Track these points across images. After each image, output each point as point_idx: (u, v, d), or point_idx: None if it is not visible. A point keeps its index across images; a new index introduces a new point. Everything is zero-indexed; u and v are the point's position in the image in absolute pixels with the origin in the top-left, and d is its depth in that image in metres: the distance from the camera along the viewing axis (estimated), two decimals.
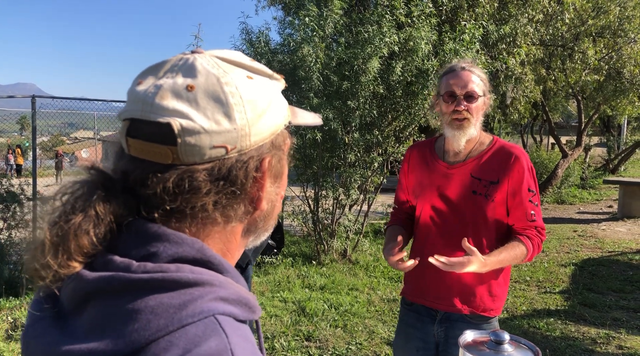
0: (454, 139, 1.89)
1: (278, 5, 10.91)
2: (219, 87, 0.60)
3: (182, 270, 0.57)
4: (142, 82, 0.61)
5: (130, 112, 0.60)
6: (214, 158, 0.59)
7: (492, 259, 1.78)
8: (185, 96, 0.59)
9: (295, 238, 7.67)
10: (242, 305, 0.60)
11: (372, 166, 6.33)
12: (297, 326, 4.35)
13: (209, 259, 0.60)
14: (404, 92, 6.01)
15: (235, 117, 0.60)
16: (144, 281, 0.55)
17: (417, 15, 5.93)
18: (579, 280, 5.83)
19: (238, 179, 0.61)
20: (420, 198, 2.02)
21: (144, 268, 0.56)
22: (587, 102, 13.79)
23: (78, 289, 0.57)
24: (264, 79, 0.66)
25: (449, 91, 1.87)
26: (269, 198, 0.68)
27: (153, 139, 0.58)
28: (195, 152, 0.58)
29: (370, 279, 5.79)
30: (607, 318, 4.68)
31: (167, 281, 0.55)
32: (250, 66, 0.65)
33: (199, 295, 0.56)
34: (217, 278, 0.59)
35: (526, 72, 8.44)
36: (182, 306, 0.54)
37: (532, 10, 7.41)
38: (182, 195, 0.59)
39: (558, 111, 20.59)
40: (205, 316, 0.55)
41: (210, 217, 0.62)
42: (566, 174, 12.85)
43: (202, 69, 0.61)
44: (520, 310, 4.90)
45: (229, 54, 0.65)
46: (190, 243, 0.59)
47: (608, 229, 8.88)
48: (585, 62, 9.40)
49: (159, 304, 0.54)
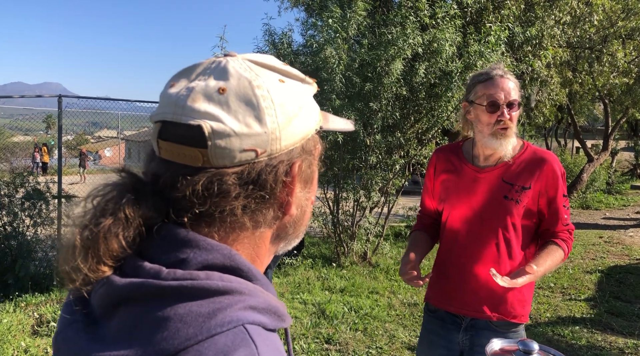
0: (501, 148, 1.84)
1: (301, 7, 10.93)
2: (250, 91, 0.59)
3: (212, 278, 0.56)
4: (175, 85, 0.61)
5: (162, 115, 0.60)
6: (243, 162, 0.59)
7: (542, 270, 1.77)
8: (217, 99, 0.58)
9: (315, 240, 7.66)
10: (271, 313, 0.59)
11: (393, 169, 6.28)
12: (317, 328, 4.33)
13: (239, 266, 0.59)
14: (427, 94, 5.95)
15: (266, 121, 0.59)
16: (174, 288, 0.54)
17: (442, 17, 5.87)
18: (605, 288, 5.69)
19: (267, 184, 0.61)
20: (447, 203, 1.99)
21: (173, 275, 0.55)
22: (615, 105, 13.50)
23: (108, 294, 0.56)
24: (296, 83, 0.66)
25: (491, 101, 1.81)
26: (298, 203, 0.67)
27: (184, 142, 0.58)
28: (226, 155, 0.58)
29: (390, 282, 5.74)
30: (636, 327, 4.55)
31: (196, 289, 0.55)
32: (282, 70, 0.65)
33: (228, 304, 0.55)
34: (247, 286, 0.58)
35: (552, 74, 8.29)
36: (212, 315, 0.54)
37: (560, 12, 7.27)
38: (211, 198, 0.58)
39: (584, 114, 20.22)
40: (234, 325, 0.54)
41: (239, 221, 0.61)
42: (591, 179, 12.60)
43: (234, 72, 0.60)
44: (544, 317, 4.80)
45: (262, 58, 0.65)
46: (220, 250, 0.59)
47: (636, 236, 8.67)
48: (613, 64, 9.20)
49: (188, 312, 0.53)
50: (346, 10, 5.75)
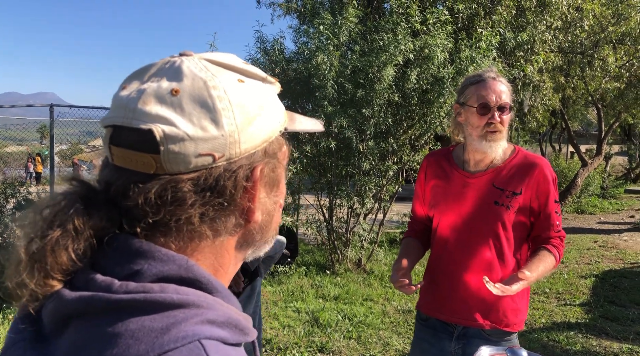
0: (491, 151, 1.82)
1: (293, 14, 10.96)
2: (205, 91, 0.56)
3: (167, 290, 0.53)
4: (127, 87, 0.58)
5: (113, 119, 0.57)
6: (200, 167, 0.56)
7: (534, 276, 1.74)
8: (169, 101, 0.55)
9: (309, 247, 7.63)
10: (232, 327, 0.56)
11: (387, 175, 6.27)
12: (310, 337, 4.29)
13: (197, 277, 0.56)
14: (420, 100, 5.95)
15: (223, 123, 0.56)
16: (125, 302, 0.51)
17: (433, 23, 5.88)
18: (600, 292, 5.67)
19: (226, 190, 0.58)
20: (437, 209, 1.96)
21: (125, 288, 0.52)
22: (608, 110, 13.57)
23: (57, 309, 0.53)
24: (257, 82, 0.62)
25: (482, 103, 1.78)
26: (264, 208, 0.64)
27: (136, 147, 0.55)
28: (180, 160, 0.54)
29: (385, 289, 5.70)
30: (630, 331, 4.53)
31: (149, 303, 0.51)
32: (242, 69, 0.61)
33: (183, 318, 0.52)
34: (205, 298, 0.55)
35: (544, 79, 8.32)
36: (165, 330, 0.50)
37: (551, 17, 7.30)
38: (165, 207, 0.55)
39: (577, 119, 20.32)
40: (189, 341, 0.51)
41: (197, 230, 0.58)
42: (586, 184, 12.63)
43: (188, 72, 0.57)
44: (539, 323, 4.77)
45: (220, 57, 0.61)
46: (176, 260, 0.55)
47: (630, 239, 8.68)
48: (605, 69, 9.24)
49: (141, 327, 0.50)
50: (337, 17, 5.76)
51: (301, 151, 5.57)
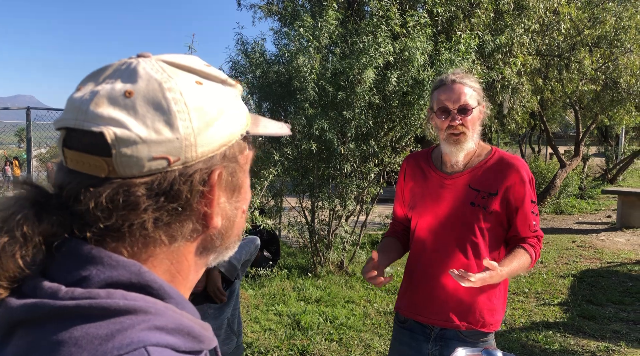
0: (451, 154, 1.86)
1: (274, 17, 10.96)
2: (160, 93, 0.55)
3: (113, 296, 0.52)
4: (81, 89, 0.57)
5: (65, 121, 0.55)
6: (154, 171, 0.54)
7: (506, 270, 1.75)
8: (123, 103, 0.54)
9: (291, 250, 7.61)
10: (183, 334, 0.55)
11: (368, 177, 6.29)
12: (291, 340, 4.28)
13: (148, 283, 0.55)
14: (400, 102, 5.98)
15: (178, 126, 0.54)
16: (70, 308, 0.50)
17: (412, 26, 5.92)
18: (578, 292, 5.76)
19: (182, 194, 0.56)
20: (415, 210, 1.98)
21: (71, 294, 0.51)
22: (585, 112, 13.79)
23: (3, 317, 0.52)
24: (217, 85, 0.61)
25: (442, 107, 1.82)
26: (224, 214, 0.62)
27: (88, 150, 0.54)
28: (133, 164, 0.53)
29: (367, 291, 5.71)
30: (607, 330, 4.60)
31: (95, 309, 0.50)
32: (201, 71, 0.60)
33: (130, 324, 0.51)
34: (155, 304, 0.54)
35: (523, 82, 8.43)
36: (109, 337, 0.49)
37: (528, 20, 7.41)
38: (117, 212, 0.54)
39: (556, 120, 20.62)
40: (134, 347, 0.49)
41: (150, 236, 0.56)
42: (564, 184, 12.81)
43: (144, 73, 0.56)
44: (518, 323, 4.82)
45: (179, 58, 0.60)
46: (126, 266, 0.54)
47: (607, 239, 8.82)
48: (582, 72, 9.40)
49: (85, 335, 0.49)
50: (318, 20, 5.76)
51: (282, 153, 5.55)
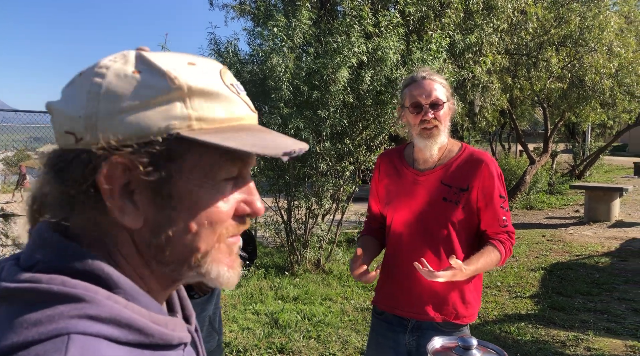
0: (426, 148, 1.90)
1: (247, 16, 10.92)
2: (92, 73, 0.57)
3: (53, 282, 0.52)
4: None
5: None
6: (66, 146, 0.57)
7: (471, 268, 1.80)
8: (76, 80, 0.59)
9: (268, 249, 7.61)
10: (121, 325, 0.53)
11: (344, 175, 6.34)
12: (270, 338, 4.30)
13: (93, 271, 0.55)
14: (374, 101, 6.06)
15: (83, 105, 0.55)
16: (12, 290, 0.52)
17: (385, 26, 5.99)
18: (548, 284, 5.93)
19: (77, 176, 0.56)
20: (390, 206, 2.02)
21: (17, 277, 0.53)
22: (553, 109, 14.15)
23: None
24: (155, 76, 0.57)
25: (414, 102, 1.87)
26: (149, 218, 0.58)
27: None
28: (56, 136, 0.58)
29: (343, 288, 5.77)
30: (576, 320, 4.76)
31: (33, 293, 0.51)
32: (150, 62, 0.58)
33: (61, 311, 0.51)
34: (95, 293, 0.53)
35: (493, 80, 8.61)
36: (37, 323, 0.50)
37: (497, 20, 7.59)
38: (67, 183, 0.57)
39: (525, 118, 21.08)
40: (56, 334, 0.50)
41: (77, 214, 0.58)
42: (534, 181, 13.12)
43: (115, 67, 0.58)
44: (492, 315, 4.94)
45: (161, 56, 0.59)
46: (74, 251, 0.55)
47: (575, 233, 9.08)
48: (549, 70, 9.66)
49: (19, 318, 0.50)
50: (291, 19, 5.79)
51: None
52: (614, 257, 7.21)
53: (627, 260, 7.03)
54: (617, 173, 20.19)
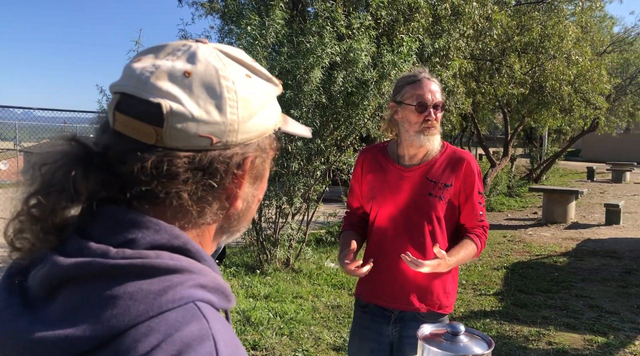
0: (428, 142, 1.96)
1: (216, 14, 10.83)
2: (216, 79, 0.60)
3: (162, 257, 0.56)
4: (141, 60, 0.61)
5: (123, 87, 0.60)
6: (197, 147, 0.59)
7: (454, 259, 1.89)
8: (181, 81, 0.59)
9: (236, 249, 7.58)
10: (219, 293, 0.61)
11: (314, 175, 6.39)
12: (242, 335, 4.30)
13: (187, 247, 0.60)
14: (345, 102, 6.13)
15: (226, 111, 0.60)
16: (123, 267, 0.54)
17: (357, 28, 6.08)
18: (510, 282, 6.13)
19: (218, 173, 0.61)
20: (375, 201, 2.08)
21: (122, 254, 0.55)
22: (513, 114, 14.60)
23: (51, 275, 0.56)
24: (262, 81, 0.67)
25: (420, 102, 1.92)
26: (245, 197, 0.68)
27: (140, 117, 0.58)
28: (180, 137, 0.58)
29: (314, 287, 5.81)
30: (538, 316, 4.95)
31: (146, 268, 0.55)
32: (251, 66, 0.66)
33: (178, 282, 0.56)
34: (196, 265, 0.59)
35: (458, 85, 8.84)
36: (162, 292, 0.54)
37: (463, 25, 7.79)
38: (158, 178, 0.58)
39: (485, 123, 21.64)
40: (185, 302, 0.55)
41: (184, 206, 0.61)
42: (494, 183, 13.49)
43: (203, 58, 0.61)
44: (458, 312, 5.09)
45: (233, 50, 0.66)
46: (168, 230, 0.59)
47: (534, 234, 9.41)
48: (511, 76, 9.99)
49: (138, 290, 0.54)
50: (264, 18, 5.80)
51: None
52: (571, 257, 7.52)
53: (583, 259, 7.34)
54: (572, 177, 20.97)
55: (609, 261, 7.26)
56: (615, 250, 7.88)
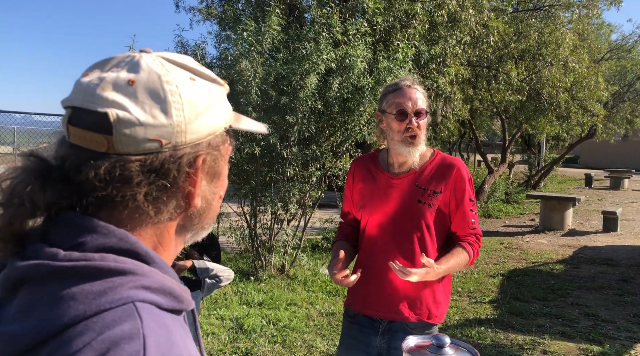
0: (408, 155, 1.95)
1: (214, 20, 10.86)
2: (159, 84, 0.63)
3: (106, 259, 0.59)
4: (89, 74, 0.64)
5: (73, 101, 0.63)
6: (148, 151, 0.62)
7: (443, 268, 1.87)
8: (126, 90, 0.62)
9: (231, 255, 7.55)
10: (166, 294, 0.62)
11: (310, 181, 6.37)
12: (235, 343, 4.27)
13: (135, 249, 0.62)
14: (341, 108, 6.12)
15: (172, 114, 0.63)
16: (68, 268, 0.57)
17: (353, 34, 6.08)
18: (506, 290, 6.10)
19: (170, 173, 0.64)
20: (365, 209, 2.06)
21: (69, 257, 0.58)
22: (511, 121, 14.61)
23: (9, 276, 0.59)
24: (207, 82, 0.69)
25: (400, 110, 1.91)
26: (203, 195, 0.70)
27: (91, 128, 0.61)
28: (130, 142, 0.61)
29: (308, 294, 5.78)
30: (533, 324, 4.92)
31: (90, 269, 0.57)
32: (195, 69, 0.69)
33: (120, 283, 0.58)
34: (141, 267, 0.61)
35: (455, 91, 8.84)
36: (102, 293, 0.57)
37: (460, 32, 7.80)
38: (113, 183, 0.61)
39: (483, 129, 21.66)
40: (124, 302, 0.57)
41: (140, 208, 0.64)
42: (492, 190, 13.49)
43: (145, 66, 0.64)
44: (453, 320, 5.06)
45: (176, 56, 0.69)
46: (117, 234, 0.62)
47: (531, 241, 9.39)
48: (508, 83, 10.00)
49: (81, 291, 0.56)
50: (261, 25, 5.80)
51: None
52: (568, 264, 7.49)
53: (579, 267, 7.32)
54: (570, 184, 20.98)
55: (606, 268, 7.23)
56: (612, 258, 7.85)
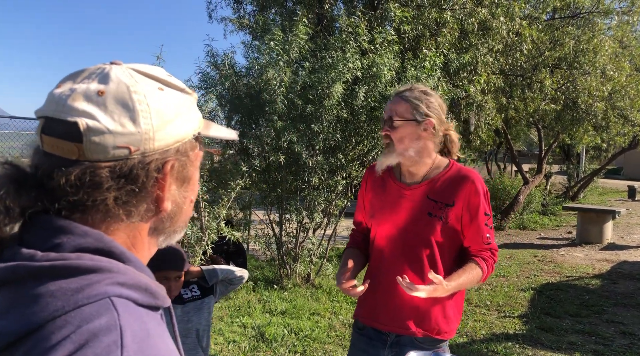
0: (381, 161, 1.96)
1: (246, 30, 11.02)
2: (127, 95, 0.66)
3: (82, 258, 0.62)
4: (61, 86, 0.68)
5: (45, 111, 0.66)
6: (117, 157, 0.65)
7: (453, 284, 1.81)
8: (95, 100, 0.65)
9: (259, 263, 7.58)
10: (141, 290, 0.65)
11: (335, 190, 6.34)
12: (255, 352, 4.26)
13: (111, 249, 0.65)
14: (368, 117, 6.08)
15: (140, 122, 0.66)
16: (46, 268, 0.60)
17: (380, 43, 6.05)
18: (537, 304, 5.91)
19: (139, 178, 0.67)
20: (375, 219, 2.03)
21: (47, 257, 0.61)
22: (547, 131, 14.23)
23: None
24: (176, 92, 0.73)
25: (382, 117, 1.97)
26: (174, 199, 0.73)
27: (62, 136, 0.64)
28: (100, 150, 0.64)
29: (332, 303, 5.74)
30: (563, 341, 4.74)
31: (67, 268, 0.60)
32: (163, 80, 0.72)
33: (96, 280, 0.61)
34: (117, 265, 0.64)
35: (487, 100, 8.68)
36: (79, 290, 0.60)
37: (492, 40, 7.67)
38: (83, 188, 0.64)
39: (520, 139, 21.18)
40: (100, 298, 0.60)
41: (111, 212, 0.67)
42: (528, 201, 13.13)
43: (115, 77, 0.67)
44: (479, 334, 4.92)
45: (146, 68, 0.72)
46: (93, 235, 0.65)
47: (567, 254, 9.08)
48: (543, 92, 9.74)
49: (59, 288, 0.59)
50: (288, 34, 5.84)
51: (250, 165, 5.57)
52: (605, 279, 7.20)
53: (617, 283, 7.02)
54: (612, 196, 20.25)
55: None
56: None
